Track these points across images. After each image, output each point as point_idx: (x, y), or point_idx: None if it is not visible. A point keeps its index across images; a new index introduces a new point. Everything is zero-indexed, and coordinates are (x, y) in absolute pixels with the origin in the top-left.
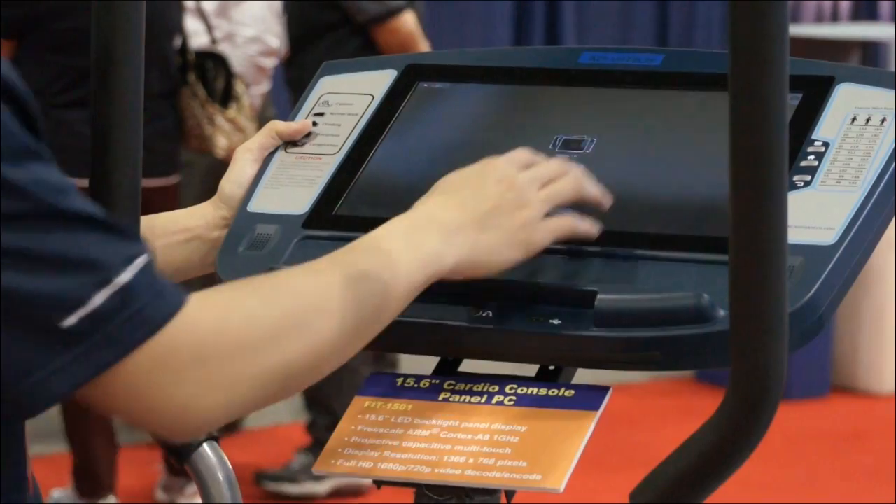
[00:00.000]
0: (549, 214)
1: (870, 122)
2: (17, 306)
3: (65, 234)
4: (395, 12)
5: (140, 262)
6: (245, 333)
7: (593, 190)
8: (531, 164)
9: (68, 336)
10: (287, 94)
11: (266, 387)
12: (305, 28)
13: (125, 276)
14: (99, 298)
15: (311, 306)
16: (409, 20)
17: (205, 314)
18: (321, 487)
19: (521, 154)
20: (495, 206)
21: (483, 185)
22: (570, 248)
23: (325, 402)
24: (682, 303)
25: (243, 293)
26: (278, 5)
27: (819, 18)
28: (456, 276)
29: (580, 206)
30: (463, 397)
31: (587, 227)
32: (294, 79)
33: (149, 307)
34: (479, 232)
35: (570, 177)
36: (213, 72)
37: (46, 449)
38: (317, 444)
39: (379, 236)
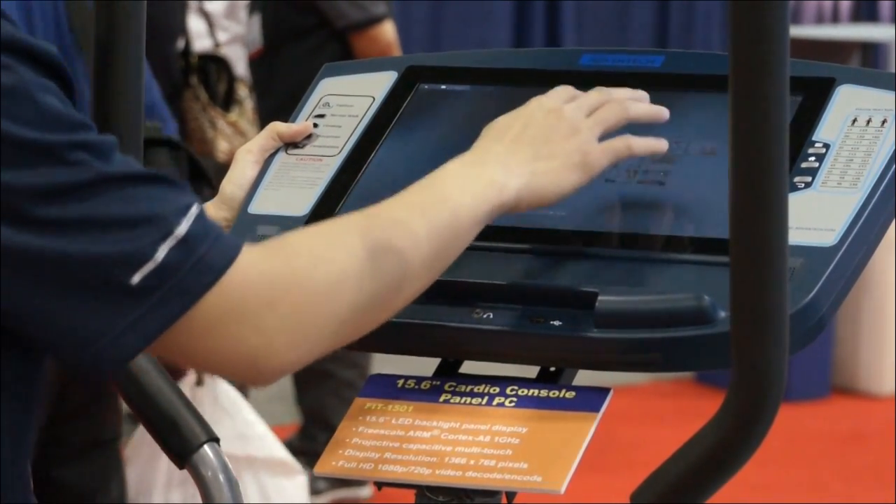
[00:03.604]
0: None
1: (870, 124)
2: (86, 271)
3: (122, 195)
4: (376, 20)
5: (194, 211)
6: (313, 274)
7: (643, 109)
8: (575, 97)
9: (137, 293)
10: None
11: (340, 327)
12: (280, 30)
13: (183, 227)
14: (162, 252)
15: (378, 245)
16: (388, 30)
17: (269, 256)
18: (320, 500)
19: (564, 89)
20: (547, 136)
21: (532, 119)
22: (571, 249)
23: (322, 416)
24: (682, 304)
25: (309, 235)
26: None
27: (819, 19)
28: (520, 207)
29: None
30: (464, 399)
31: (646, 143)
32: (261, 80)
33: (210, 254)
34: (536, 160)
35: (615, 101)
36: (215, 75)
37: None
38: (314, 458)
39: (439, 174)
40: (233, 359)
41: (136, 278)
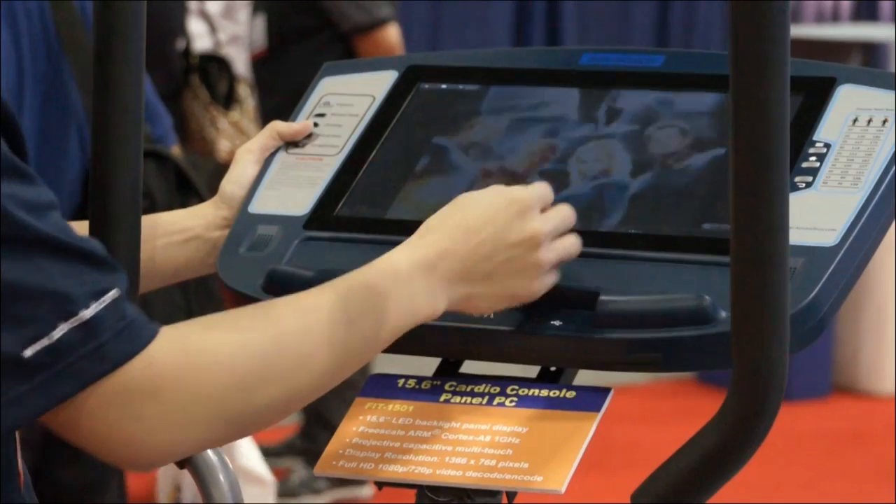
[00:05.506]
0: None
1: (871, 124)
2: None
3: (35, 260)
4: (380, 23)
5: (110, 296)
6: (208, 379)
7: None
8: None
9: (28, 366)
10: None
11: (226, 429)
12: (284, 31)
13: (90, 311)
14: (60, 331)
15: (289, 353)
16: (392, 33)
17: (170, 355)
18: (321, 500)
19: (565, 219)
20: (507, 262)
21: (505, 235)
22: None
23: (323, 416)
24: (683, 304)
25: (219, 334)
26: None
27: (820, 19)
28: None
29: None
30: (464, 398)
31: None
32: (264, 81)
33: (110, 344)
34: (478, 285)
35: (574, 235)
36: (216, 74)
37: None
38: (314, 457)
39: (379, 273)
40: (110, 445)
41: (29, 352)
